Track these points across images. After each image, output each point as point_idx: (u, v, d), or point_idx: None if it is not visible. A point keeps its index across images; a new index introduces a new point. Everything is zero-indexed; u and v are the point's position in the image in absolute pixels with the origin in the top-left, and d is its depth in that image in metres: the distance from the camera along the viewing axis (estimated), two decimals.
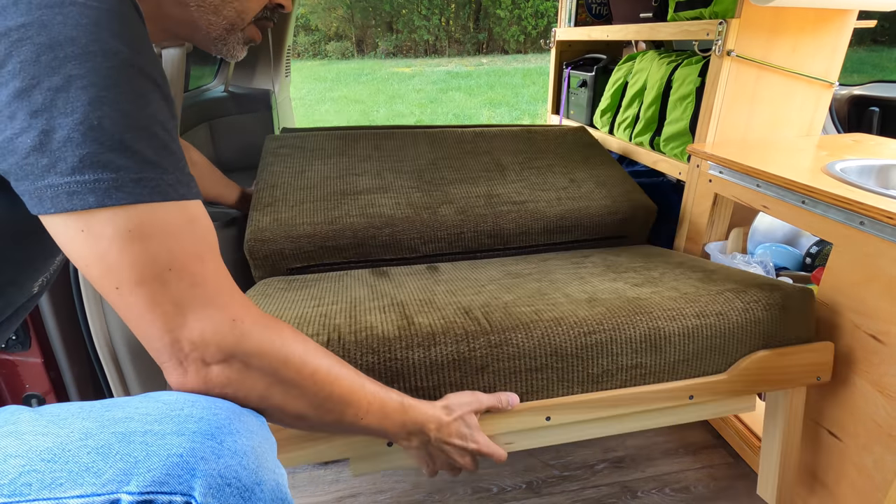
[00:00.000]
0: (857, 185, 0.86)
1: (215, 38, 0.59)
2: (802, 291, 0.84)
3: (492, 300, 0.83)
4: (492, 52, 14.94)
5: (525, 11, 14.48)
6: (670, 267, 1.00)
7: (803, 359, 0.83)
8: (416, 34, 15.15)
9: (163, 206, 0.43)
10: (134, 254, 0.42)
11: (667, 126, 1.38)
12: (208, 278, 0.46)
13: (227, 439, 0.42)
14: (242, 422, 0.45)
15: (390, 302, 0.85)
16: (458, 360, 0.72)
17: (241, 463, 0.42)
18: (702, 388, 0.80)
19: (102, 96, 0.39)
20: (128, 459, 0.39)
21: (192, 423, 0.42)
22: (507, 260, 1.13)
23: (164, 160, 0.43)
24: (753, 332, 0.81)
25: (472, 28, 15.42)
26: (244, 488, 0.41)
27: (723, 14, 1.16)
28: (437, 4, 15.16)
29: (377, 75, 10.18)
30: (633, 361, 0.76)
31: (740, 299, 0.82)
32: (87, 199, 0.40)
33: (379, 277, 1.01)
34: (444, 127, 1.55)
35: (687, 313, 0.79)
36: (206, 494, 0.39)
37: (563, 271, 1.01)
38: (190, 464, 0.39)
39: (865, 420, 0.82)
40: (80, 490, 0.37)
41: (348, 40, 15.73)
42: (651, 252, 1.15)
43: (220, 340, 0.46)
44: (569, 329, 0.75)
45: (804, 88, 1.22)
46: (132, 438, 0.40)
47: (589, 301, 0.81)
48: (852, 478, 0.85)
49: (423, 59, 14.06)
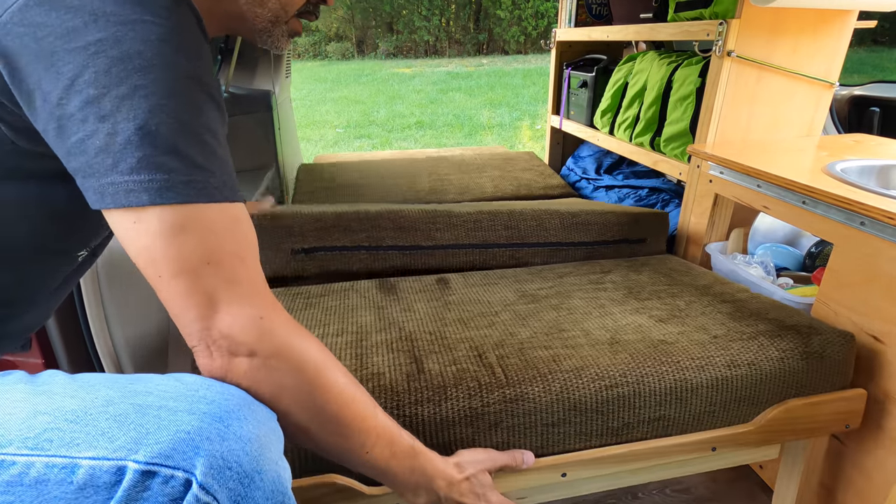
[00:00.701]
0: (857, 185, 0.86)
1: (261, 30, 0.62)
2: (843, 337, 0.78)
3: (506, 338, 0.79)
4: (492, 53, 14.94)
5: (525, 12, 14.48)
6: (697, 293, 0.94)
7: (835, 407, 0.78)
8: (417, 35, 15.16)
9: (209, 207, 0.46)
10: (176, 247, 0.45)
11: (667, 126, 1.38)
12: (243, 276, 0.48)
13: (234, 424, 0.44)
14: (252, 411, 0.46)
15: (398, 335, 0.81)
16: (470, 416, 0.67)
17: (244, 449, 0.43)
18: (726, 439, 0.75)
19: (161, 104, 0.43)
20: (140, 430, 0.41)
21: (203, 404, 0.44)
22: (522, 273, 1.08)
23: (213, 164, 0.47)
24: (787, 382, 0.75)
25: (472, 29, 15.43)
26: (244, 474, 0.42)
27: (723, 14, 1.16)
28: (437, 5, 15.17)
29: (377, 76, 10.18)
30: (657, 414, 0.72)
31: (775, 346, 0.76)
32: (142, 196, 0.43)
33: (386, 295, 0.98)
34: None
35: (717, 362, 0.73)
36: (207, 474, 0.40)
37: (581, 294, 0.95)
38: (195, 442, 0.41)
39: (868, 422, 0.81)
40: (94, 452, 0.40)
41: (348, 41, 15.74)
42: (674, 267, 1.10)
43: (245, 335, 0.48)
44: (590, 382, 0.70)
45: (804, 89, 1.22)
46: (148, 411, 0.43)
47: (611, 344, 0.76)
48: (854, 481, 0.85)
49: (424, 59, 14.06)
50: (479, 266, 1.20)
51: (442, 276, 1.08)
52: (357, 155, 2.34)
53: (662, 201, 1.65)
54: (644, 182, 1.78)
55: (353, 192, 1.73)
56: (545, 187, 1.79)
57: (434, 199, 1.67)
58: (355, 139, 5.06)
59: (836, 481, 0.88)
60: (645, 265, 1.12)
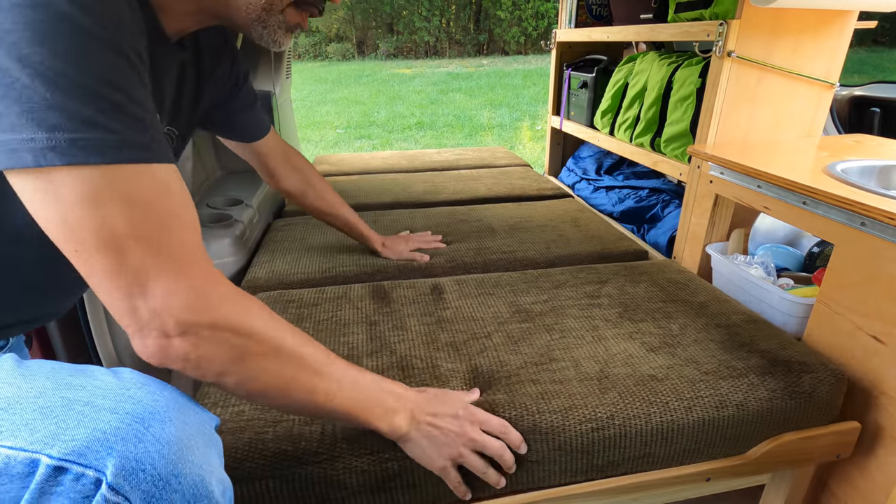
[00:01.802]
0: (858, 185, 0.86)
1: (254, 20, 0.58)
2: (833, 375, 0.79)
3: (496, 368, 0.79)
4: (492, 54, 14.95)
5: (525, 13, 14.49)
6: (692, 314, 0.94)
7: (828, 440, 0.79)
8: (417, 35, 15.16)
9: (122, 169, 0.42)
10: (90, 216, 0.41)
11: (667, 127, 1.38)
12: (174, 247, 0.45)
13: (155, 426, 0.43)
14: (182, 414, 0.45)
15: (389, 360, 0.81)
16: None
17: (161, 451, 0.42)
18: (721, 471, 0.76)
19: (31, 53, 0.38)
20: (61, 425, 0.41)
21: (130, 403, 0.43)
22: (518, 280, 1.07)
23: (111, 120, 0.41)
24: (775, 420, 0.76)
25: (472, 29, 15.43)
26: (158, 476, 0.41)
27: (723, 15, 1.16)
28: (437, 6, 15.18)
29: (378, 76, 10.18)
30: (642, 452, 0.72)
31: (765, 386, 0.76)
32: (25, 157, 0.39)
33: (379, 306, 0.97)
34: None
35: (705, 403, 0.73)
36: (118, 475, 0.40)
37: (575, 313, 0.94)
38: (110, 442, 0.40)
39: (870, 423, 0.81)
40: (12, 442, 0.40)
41: (349, 42, 15.75)
42: (672, 278, 1.08)
43: (182, 311, 0.45)
44: (577, 424, 0.69)
45: (805, 89, 1.22)
46: (73, 406, 0.42)
47: (600, 380, 0.76)
48: (856, 482, 0.84)
49: (424, 60, 14.07)
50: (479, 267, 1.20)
51: (436, 283, 1.06)
52: (357, 156, 2.34)
53: (663, 202, 1.65)
54: (644, 183, 1.78)
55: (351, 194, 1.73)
56: (539, 189, 1.80)
57: (428, 201, 1.68)
58: (355, 140, 5.06)
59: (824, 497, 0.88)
60: (643, 274, 1.10)
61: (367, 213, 1.50)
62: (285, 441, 0.65)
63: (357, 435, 0.66)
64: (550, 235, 1.35)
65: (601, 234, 1.36)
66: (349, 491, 0.64)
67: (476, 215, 1.49)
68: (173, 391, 0.47)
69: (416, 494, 0.67)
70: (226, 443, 0.64)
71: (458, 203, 1.67)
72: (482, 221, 1.44)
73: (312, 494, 0.64)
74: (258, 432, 0.66)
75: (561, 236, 1.34)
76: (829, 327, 0.87)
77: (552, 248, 1.27)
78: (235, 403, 0.71)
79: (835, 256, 0.85)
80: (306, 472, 0.63)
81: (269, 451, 0.64)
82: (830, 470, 0.88)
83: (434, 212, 1.52)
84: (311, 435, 0.66)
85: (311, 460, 0.63)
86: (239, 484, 0.61)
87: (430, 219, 1.46)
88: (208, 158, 1.62)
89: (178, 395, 0.47)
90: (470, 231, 1.37)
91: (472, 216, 1.48)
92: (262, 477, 0.62)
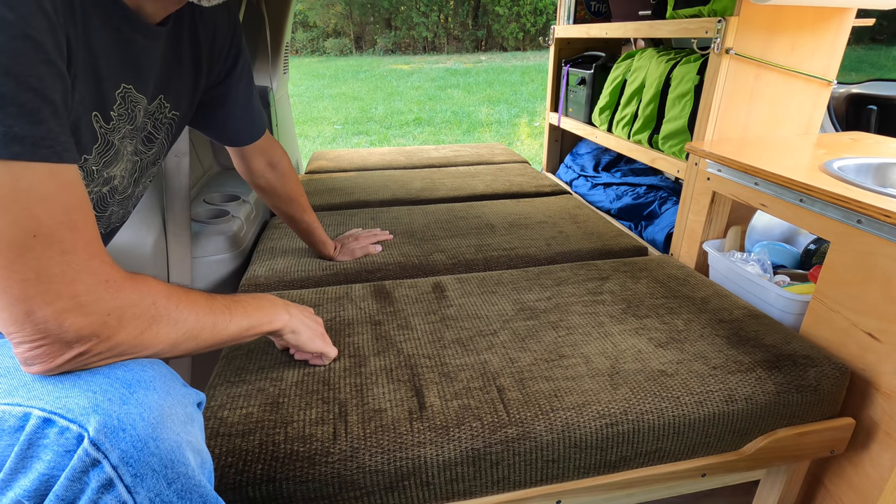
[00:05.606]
0: (854, 183, 0.86)
1: None
2: (837, 369, 0.79)
3: (506, 364, 0.79)
4: (490, 50, 14.91)
5: (524, 9, 14.45)
6: (695, 310, 0.94)
7: (823, 436, 0.79)
8: (415, 31, 15.11)
9: (23, 167, 0.41)
10: None
11: (665, 124, 1.38)
12: (78, 244, 0.44)
13: (140, 391, 0.46)
14: (167, 384, 0.49)
15: (396, 361, 0.80)
16: (472, 457, 0.67)
17: (142, 415, 0.44)
18: (716, 467, 0.77)
19: None
20: (57, 385, 0.44)
21: (121, 370, 0.47)
22: (519, 277, 1.07)
23: (22, 119, 0.40)
24: (780, 413, 0.76)
25: (470, 25, 15.38)
26: (138, 437, 0.44)
27: (722, 12, 1.16)
28: (435, 1, 15.12)
29: (375, 72, 10.15)
30: (654, 447, 0.72)
31: (772, 380, 0.77)
32: None
33: (382, 305, 0.96)
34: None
35: (716, 397, 0.74)
36: (100, 431, 0.42)
37: (579, 310, 0.94)
38: (96, 400, 0.43)
39: (864, 419, 0.82)
40: (9, 399, 0.43)
41: (347, 37, 15.69)
42: (672, 274, 1.09)
43: (94, 303, 0.45)
44: (591, 420, 0.69)
45: (802, 87, 1.22)
46: (80, 373, 0.46)
47: (611, 375, 0.76)
48: (850, 477, 0.85)
49: (422, 56, 14.03)
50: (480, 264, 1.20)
51: (438, 281, 1.06)
52: (354, 152, 2.34)
53: (660, 199, 1.66)
54: (642, 179, 1.78)
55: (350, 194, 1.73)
56: (538, 186, 1.80)
57: (426, 198, 1.68)
58: (353, 136, 5.05)
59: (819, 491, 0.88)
60: (643, 270, 1.10)
61: (365, 210, 1.50)
62: (297, 442, 0.65)
63: (369, 434, 0.66)
64: (550, 232, 1.35)
65: (600, 231, 1.36)
66: (363, 490, 0.64)
67: (475, 212, 1.49)
68: (163, 366, 0.50)
69: (430, 492, 0.67)
70: (236, 446, 0.64)
71: (456, 200, 1.68)
72: (481, 218, 1.44)
73: (326, 495, 0.63)
74: (269, 434, 0.66)
75: (560, 233, 1.34)
76: (825, 324, 0.87)
77: (552, 245, 1.27)
78: (242, 406, 0.71)
79: (831, 254, 0.85)
80: (319, 473, 0.63)
81: (281, 452, 0.64)
82: (825, 466, 0.89)
83: (432, 208, 1.52)
84: (323, 435, 0.66)
85: (324, 461, 0.63)
86: (252, 487, 0.61)
87: (429, 215, 1.46)
88: (205, 154, 1.61)
89: (167, 370, 0.50)
90: (469, 228, 1.37)
91: (471, 213, 1.48)
92: (275, 479, 0.62)
